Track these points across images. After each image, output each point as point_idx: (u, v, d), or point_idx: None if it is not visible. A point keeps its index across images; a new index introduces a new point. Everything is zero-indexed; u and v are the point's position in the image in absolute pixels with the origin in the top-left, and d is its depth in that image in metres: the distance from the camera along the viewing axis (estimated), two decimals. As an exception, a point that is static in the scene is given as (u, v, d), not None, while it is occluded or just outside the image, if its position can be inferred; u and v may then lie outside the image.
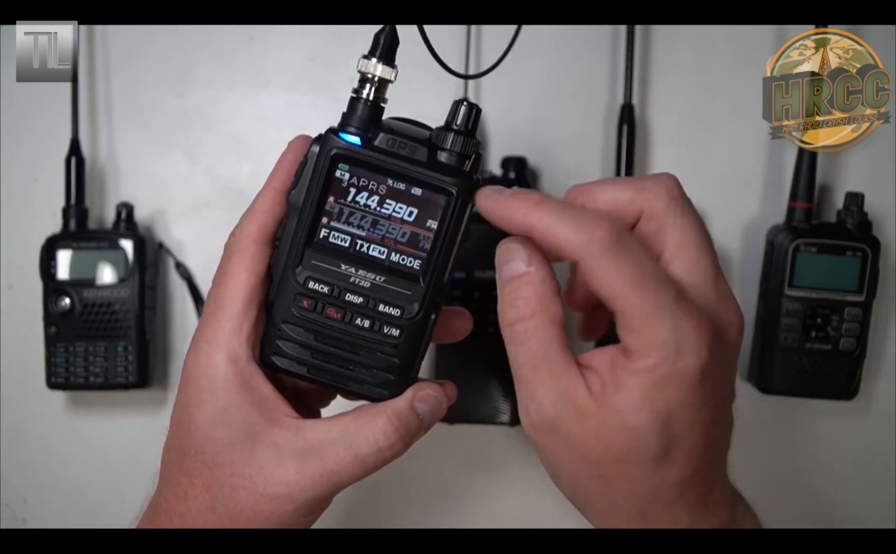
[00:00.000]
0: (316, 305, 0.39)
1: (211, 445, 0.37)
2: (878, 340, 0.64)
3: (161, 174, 0.67)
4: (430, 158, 0.38)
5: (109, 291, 0.62)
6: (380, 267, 0.39)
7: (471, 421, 0.61)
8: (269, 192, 0.39)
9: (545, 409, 0.35)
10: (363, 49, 0.39)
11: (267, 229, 0.39)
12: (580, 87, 0.65)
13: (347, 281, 0.39)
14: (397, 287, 0.39)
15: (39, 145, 0.66)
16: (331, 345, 0.39)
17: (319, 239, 0.39)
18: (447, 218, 0.38)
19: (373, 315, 0.39)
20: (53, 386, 0.63)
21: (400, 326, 0.39)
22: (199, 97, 0.67)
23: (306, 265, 0.39)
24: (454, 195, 0.38)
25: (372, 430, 0.37)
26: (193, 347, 0.38)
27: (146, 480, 0.40)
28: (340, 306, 0.39)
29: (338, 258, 0.39)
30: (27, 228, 0.65)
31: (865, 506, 0.66)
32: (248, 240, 0.39)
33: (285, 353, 0.39)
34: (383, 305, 0.39)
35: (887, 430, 0.66)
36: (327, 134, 0.38)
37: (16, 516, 0.68)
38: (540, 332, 0.35)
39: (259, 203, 0.39)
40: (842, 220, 0.61)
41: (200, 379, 0.38)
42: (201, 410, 0.38)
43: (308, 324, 0.39)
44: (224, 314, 0.38)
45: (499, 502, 0.67)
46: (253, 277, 0.38)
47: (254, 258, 0.38)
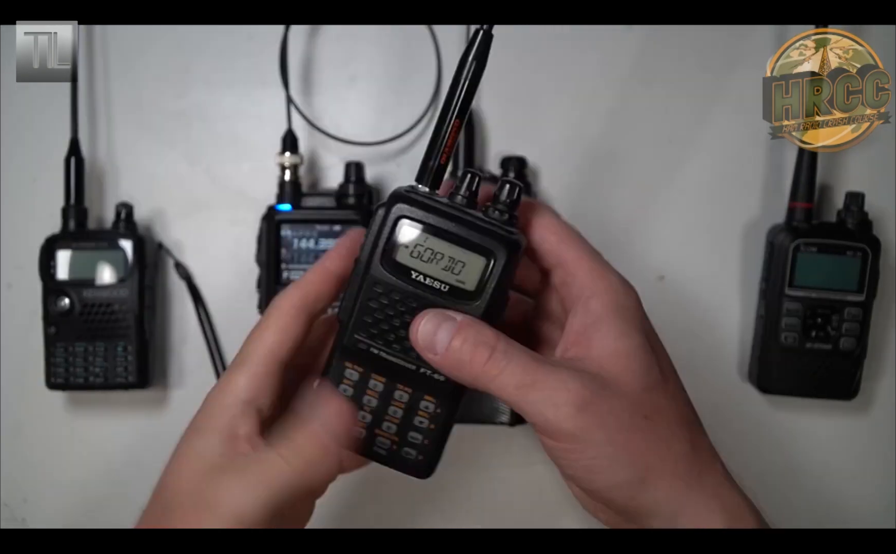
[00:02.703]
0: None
1: (194, 463, 0.39)
2: (878, 340, 0.64)
3: (160, 174, 0.67)
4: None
5: (109, 290, 0.62)
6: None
7: (471, 421, 0.61)
8: (317, 270, 0.41)
9: (570, 392, 0.36)
10: (363, 49, 0.39)
11: (307, 300, 0.41)
12: (580, 87, 0.65)
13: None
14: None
15: (39, 145, 0.66)
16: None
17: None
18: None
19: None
20: (53, 386, 0.63)
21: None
22: (198, 97, 0.67)
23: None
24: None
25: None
26: (216, 384, 0.41)
27: (146, 480, 0.40)
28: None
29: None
30: (26, 228, 0.65)
31: (865, 506, 0.66)
32: (287, 305, 0.41)
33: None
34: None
35: (887, 430, 0.65)
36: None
37: (15, 516, 0.67)
38: (511, 352, 0.37)
39: (306, 276, 0.41)
40: (842, 219, 0.61)
41: (203, 410, 0.40)
42: (193, 433, 0.40)
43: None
44: (246, 363, 0.40)
45: (498, 502, 0.67)
46: (280, 336, 0.40)
47: (287, 321, 0.40)
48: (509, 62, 0.65)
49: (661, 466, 0.37)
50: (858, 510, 0.65)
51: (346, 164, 0.63)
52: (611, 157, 0.65)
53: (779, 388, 0.62)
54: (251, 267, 0.64)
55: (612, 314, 0.38)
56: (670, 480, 0.37)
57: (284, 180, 0.63)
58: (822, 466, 0.66)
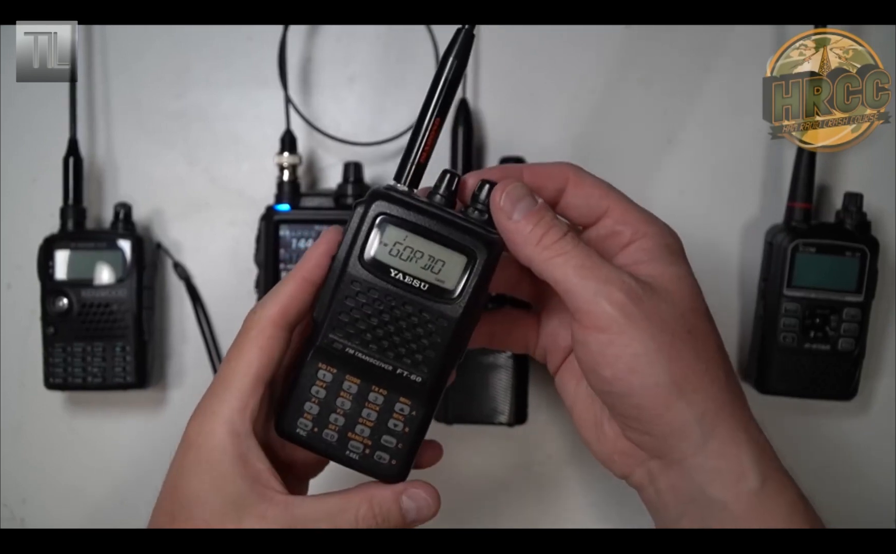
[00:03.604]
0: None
1: (201, 510, 0.38)
2: (876, 340, 0.64)
3: (159, 174, 0.67)
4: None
5: (107, 291, 0.62)
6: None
7: (471, 421, 0.61)
8: (296, 279, 0.40)
9: (625, 284, 0.38)
10: (362, 49, 0.39)
11: (288, 314, 0.40)
12: (580, 87, 0.65)
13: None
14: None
15: (38, 145, 0.66)
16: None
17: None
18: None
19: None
20: (51, 386, 0.63)
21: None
22: (197, 97, 0.67)
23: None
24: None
25: (354, 514, 0.39)
26: (198, 414, 0.40)
27: (144, 481, 0.40)
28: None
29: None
30: (25, 228, 0.65)
31: (865, 506, 0.66)
32: (267, 321, 0.40)
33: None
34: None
35: (887, 430, 0.65)
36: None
37: (14, 516, 0.67)
38: (578, 241, 0.38)
39: (285, 287, 0.40)
40: (841, 220, 0.61)
41: (201, 447, 0.39)
42: (196, 476, 0.38)
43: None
44: (232, 388, 0.39)
45: (497, 503, 0.67)
46: (265, 358, 0.39)
47: (269, 339, 0.39)
48: (508, 62, 0.65)
49: (697, 380, 0.38)
50: (858, 510, 0.65)
51: (345, 164, 0.63)
52: (610, 157, 0.65)
53: (777, 388, 0.62)
54: (250, 267, 0.64)
55: (663, 249, 0.40)
56: (704, 397, 0.38)
57: (283, 180, 0.63)
58: (821, 467, 0.66)
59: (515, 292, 0.46)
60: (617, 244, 0.41)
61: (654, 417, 0.38)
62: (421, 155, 0.39)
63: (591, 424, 0.43)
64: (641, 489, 0.42)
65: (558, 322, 0.44)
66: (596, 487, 0.65)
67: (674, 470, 0.39)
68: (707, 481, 0.38)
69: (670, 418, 0.38)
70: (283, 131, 0.63)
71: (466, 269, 0.38)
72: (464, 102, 0.62)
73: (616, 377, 0.38)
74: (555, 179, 0.41)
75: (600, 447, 0.42)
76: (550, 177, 0.41)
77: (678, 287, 0.39)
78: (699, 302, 0.40)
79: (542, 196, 0.40)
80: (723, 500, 0.38)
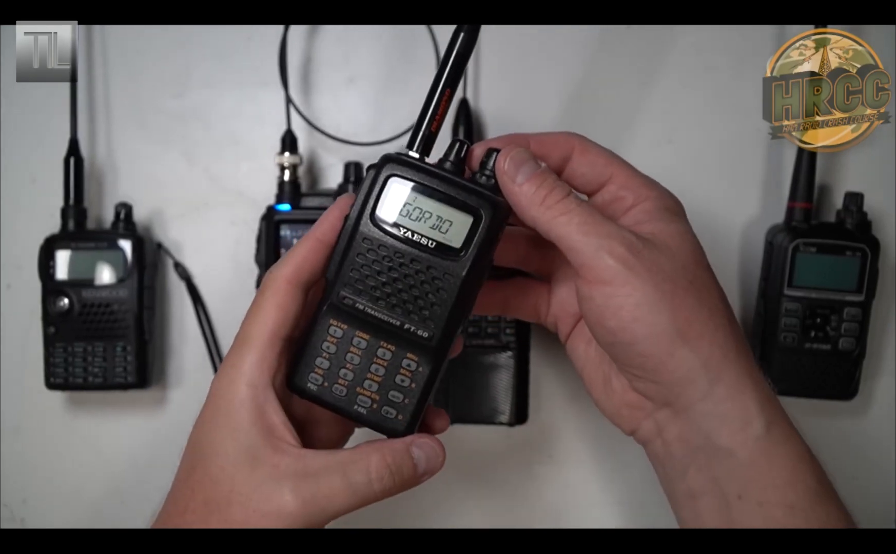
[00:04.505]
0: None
1: (217, 459, 0.39)
2: (877, 340, 0.64)
3: (159, 174, 0.67)
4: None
5: (108, 291, 0.62)
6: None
7: (471, 421, 0.61)
8: (310, 240, 0.41)
9: (625, 239, 0.39)
10: (362, 49, 0.40)
11: (302, 273, 0.41)
12: (580, 87, 0.65)
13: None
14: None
15: (38, 145, 0.66)
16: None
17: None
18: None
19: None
20: (52, 386, 0.63)
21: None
22: (197, 97, 0.67)
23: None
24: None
25: (366, 464, 0.39)
26: (221, 370, 0.41)
27: (145, 481, 0.40)
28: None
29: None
30: (26, 229, 0.65)
31: (865, 506, 0.65)
32: (282, 280, 0.41)
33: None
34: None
35: (887, 430, 0.65)
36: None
37: (14, 516, 0.67)
38: (580, 201, 0.40)
39: (299, 248, 0.41)
40: (841, 220, 0.61)
41: (220, 399, 0.40)
42: (215, 427, 0.40)
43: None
44: (249, 344, 0.40)
45: (498, 503, 0.67)
46: (281, 314, 0.40)
47: (285, 297, 0.41)
48: (509, 61, 0.65)
49: (701, 327, 0.39)
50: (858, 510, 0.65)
51: (346, 164, 0.63)
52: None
53: (778, 388, 0.62)
54: (250, 267, 0.64)
55: (664, 211, 0.42)
56: (709, 343, 0.39)
57: (284, 180, 0.63)
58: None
59: (525, 266, 0.47)
60: (620, 208, 0.42)
61: (659, 365, 0.39)
62: (432, 125, 0.41)
63: (600, 383, 0.44)
64: (648, 443, 0.42)
65: (567, 291, 0.46)
66: (596, 488, 0.65)
67: (681, 418, 0.40)
68: (714, 428, 0.39)
69: (675, 365, 0.38)
70: (283, 131, 0.63)
71: (473, 229, 0.39)
72: (464, 102, 0.62)
73: (620, 327, 0.39)
74: (561, 147, 0.43)
75: (609, 403, 0.44)
76: (556, 145, 0.43)
77: (679, 242, 0.40)
78: (700, 255, 0.41)
79: (547, 163, 0.41)
80: (729, 447, 0.39)
